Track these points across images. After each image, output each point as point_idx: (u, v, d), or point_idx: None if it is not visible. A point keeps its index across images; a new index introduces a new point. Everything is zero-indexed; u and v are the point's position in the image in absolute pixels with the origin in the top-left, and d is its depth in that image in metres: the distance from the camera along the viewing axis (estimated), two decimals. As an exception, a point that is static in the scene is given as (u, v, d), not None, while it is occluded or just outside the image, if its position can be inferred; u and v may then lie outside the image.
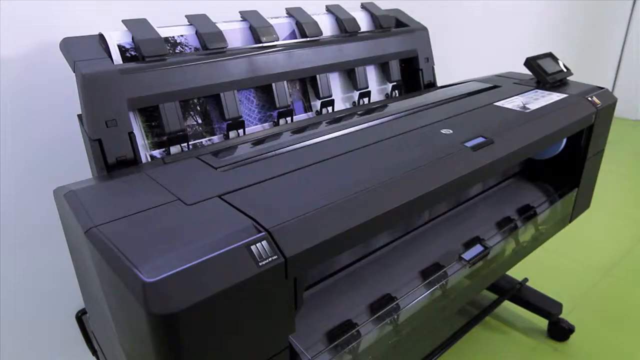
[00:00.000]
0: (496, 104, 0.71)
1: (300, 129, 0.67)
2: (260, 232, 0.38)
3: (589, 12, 2.07)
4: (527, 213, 0.72)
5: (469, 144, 0.57)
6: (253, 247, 0.37)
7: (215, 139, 0.69)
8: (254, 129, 0.73)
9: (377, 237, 0.61)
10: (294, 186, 0.46)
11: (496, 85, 0.82)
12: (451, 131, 0.60)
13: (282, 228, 0.39)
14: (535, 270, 1.16)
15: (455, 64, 1.38)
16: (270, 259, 0.37)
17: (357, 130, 0.62)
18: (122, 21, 0.64)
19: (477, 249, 0.62)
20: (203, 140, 0.68)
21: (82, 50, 0.60)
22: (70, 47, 0.60)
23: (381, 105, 0.76)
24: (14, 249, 0.73)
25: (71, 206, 0.43)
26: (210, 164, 0.50)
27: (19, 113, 0.70)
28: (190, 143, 0.66)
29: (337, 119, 0.70)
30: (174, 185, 0.46)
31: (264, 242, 0.37)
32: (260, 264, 0.36)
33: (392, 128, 0.61)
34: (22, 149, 0.71)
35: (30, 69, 0.70)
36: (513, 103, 0.71)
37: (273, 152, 0.55)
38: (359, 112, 0.75)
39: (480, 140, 0.58)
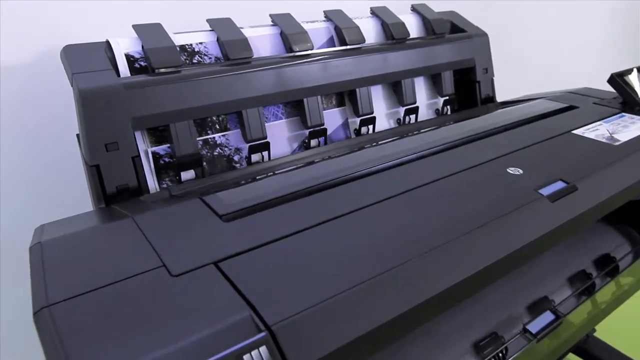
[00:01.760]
0: (575, 132, 0.57)
1: (332, 158, 0.55)
2: (260, 331, 0.27)
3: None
4: (608, 267, 0.58)
5: (545, 190, 0.43)
6: (246, 358, 0.26)
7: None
8: (281, 150, 0.62)
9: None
10: (315, 251, 0.34)
11: (572, 106, 0.67)
12: (520, 171, 0.47)
13: (290, 324, 0.28)
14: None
15: (514, 72, 1.22)
16: (269, 376, 0.26)
17: (401, 164, 0.49)
18: (133, 26, 0.54)
19: (547, 317, 0.49)
20: (221, 163, 0.58)
21: (83, 61, 0.51)
22: (71, 56, 0.51)
23: (431, 129, 0.63)
24: (14, 283, 0.66)
25: (32, 266, 0.33)
26: (215, 209, 0.39)
27: (19, 127, 0.62)
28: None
29: (378, 145, 0.58)
30: (163, 242, 0.35)
31: (263, 349, 0.26)
32: (254, 383, 0.25)
33: (445, 164, 0.49)
34: (22, 168, 0.64)
35: (34, 78, 0.62)
36: (597, 132, 0.57)
37: (294, 193, 0.43)
38: (404, 136, 0.63)
39: (559, 185, 0.44)
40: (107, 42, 0.53)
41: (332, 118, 0.66)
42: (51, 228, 0.40)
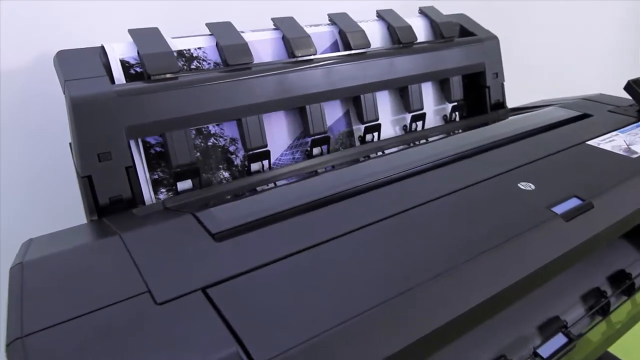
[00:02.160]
0: (589, 143, 0.54)
1: (334, 170, 0.53)
2: (246, 369, 0.25)
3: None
4: (624, 284, 0.55)
5: (559, 208, 0.41)
6: (230, 402, 0.23)
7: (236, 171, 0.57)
8: (282, 159, 0.60)
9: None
10: (312, 276, 0.32)
11: (586, 114, 0.64)
12: (532, 186, 0.44)
13: (281, 363, 0.25)
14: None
15: (522, 75, 1.18)
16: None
17: (406, 177, 0.47)
18: (129, 31, 0.52)
19: (559, 340, 0.46)
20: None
21: (76, 67, 0.49)
22: (64, 62, 0.49)
23: (438, 138, 0.61)
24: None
25: (10, 290, 0.31)
26: (208, 227, 0.37)
27: (21, 128, 0.60)
28: (204, 177, 0.54)
29: (382, 157, 0.56)
30: (150, 264, 0.33)
31: (249, 392, 0.24)
32: None
33: (453, 178, 0.46)
34: (23, 169, 0.62)
35: (36, 80, 0.60)
36: (613, 143, 0.54)
37: (293, 209, 0.41)
38: (410, 145, 0.60)
39: (574, 203, 0.42)
40: (102, 47, 0.51)
41: (332, 109, 0.63)
42: (38, 243, 0.38)
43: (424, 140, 0.65)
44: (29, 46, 0.60)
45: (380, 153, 0.62)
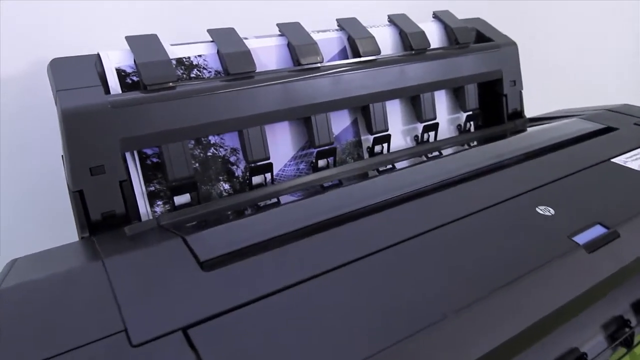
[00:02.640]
0: (614, 160, 0.50)
1: (340, 187, 0.50)
2: None
3: None
4: (649, 313, 0.50)
5: (580, 238, 0.37)
6: None
7: (237, 184, 0.54)
8: (286, 170, 0.57)
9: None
10: (309, 312, 0.29)
11: (610, 127, 0.59)
12: (552, 211, 0.40)
13: None
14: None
15: (541, 81, 1.13)
16: None
17: (414, 197, 0.43)
18: (126, 38, 0.50)
19: (578, 377, 0.42)
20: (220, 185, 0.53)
21: (70, 76, 0.46)
22: (57, 70, 0.47)
23: (451, 153, 0.57)
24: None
25: (-19, 324, 0.29)
26: (197, 254, 0.34)
27: (12, 142, 0.59)
28: (203, 188, 0.52)
29: (391, 173, 0.52)
30: (130, 298, 0.30)
31: None
32: None
33: (465, 199, 0.42)
34: (16, 184, 0.60)
35: (31, 89, 0.58)
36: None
37: (292, 233, 0.38)
38: (421, 159, 0.56)
39: (598, 231, 0.38)
40: (98, 55, 0.49)
41: (339, 118, 0.60)
42: (18, 267, 0.36)
43: (436, 153, 0.61)
44: (30, 51, 0.58)
45: (390, 166, 0.58)
